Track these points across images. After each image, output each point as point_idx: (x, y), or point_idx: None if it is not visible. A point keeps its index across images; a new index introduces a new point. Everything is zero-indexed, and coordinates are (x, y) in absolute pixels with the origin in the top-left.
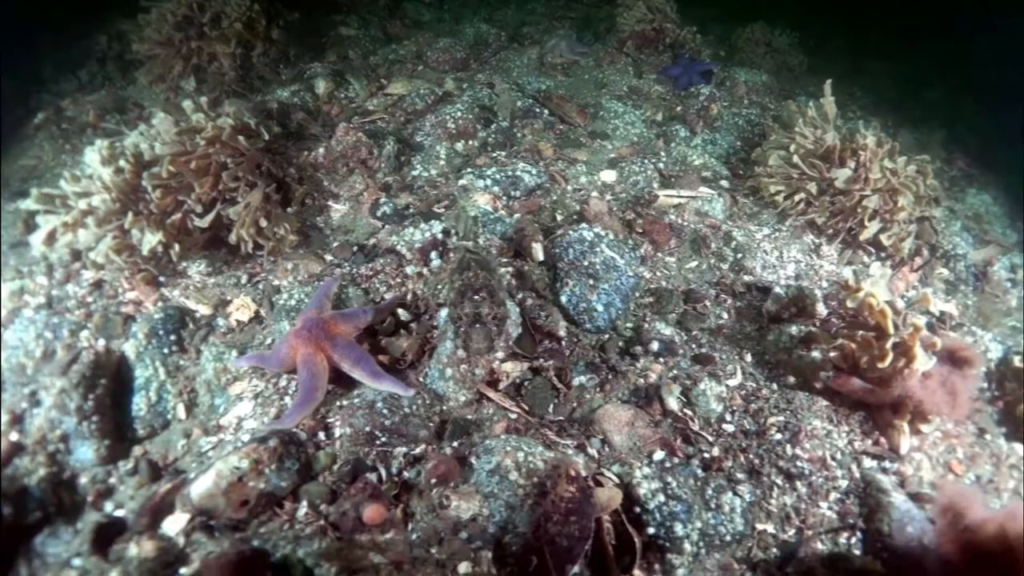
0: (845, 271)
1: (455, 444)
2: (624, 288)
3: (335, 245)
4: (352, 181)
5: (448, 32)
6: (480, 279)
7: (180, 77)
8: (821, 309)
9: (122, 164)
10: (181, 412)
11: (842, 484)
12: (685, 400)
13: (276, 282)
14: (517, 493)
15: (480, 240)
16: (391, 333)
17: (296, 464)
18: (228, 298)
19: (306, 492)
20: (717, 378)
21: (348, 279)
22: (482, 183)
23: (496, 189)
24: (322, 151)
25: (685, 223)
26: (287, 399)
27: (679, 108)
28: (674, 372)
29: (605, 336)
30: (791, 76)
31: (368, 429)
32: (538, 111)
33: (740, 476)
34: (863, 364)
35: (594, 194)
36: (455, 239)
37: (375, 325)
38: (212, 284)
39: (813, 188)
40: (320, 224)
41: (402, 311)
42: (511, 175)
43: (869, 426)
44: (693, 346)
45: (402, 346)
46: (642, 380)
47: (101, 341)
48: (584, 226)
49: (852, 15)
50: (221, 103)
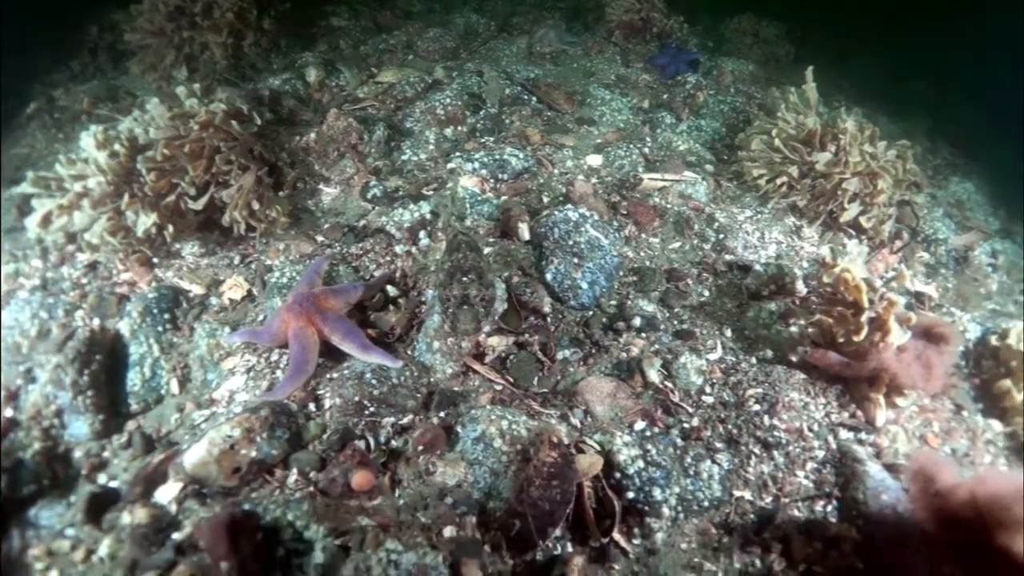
0: (823, 249)
1: (442, 414)
2: (608, 267)
3: (326, 226)
4: (343, 165)
5: (438, 22)
6: (469, 260)
7: (172, 66)
8: (801, 287)
9: (117, 148)
10: (174, 387)
11: (819, 454)
12: (666, 373)
13: (268, 262)
14: (501, 460)
15: (468, 220)
16: (380, 308)
17: (287, 433)
18: (221, 278)
19: (296, 460)
20: (697, 352)
21: (339, 258)
22: (470, 166)
23: (484, 172)
24: (313, 136)
25: (669, 205)
26: (279, 373)
27: (665, 96)
28: (656, 347)
29: (589, 313)
30: (778, 66)
31: (357, 399)
32: (526, 98)
33: (719, 445)
34: (840, 338)
35: (580, 177)
36: (442, 219)
37: (365, 301)
38: (205, 265)
39: (795, 172)
40: (311, 207)
41: (391, 288)
42: (499, 159)
43: (846, 399)
44: (675, 322)
45: (391, 320)
46: (624, 354)
47: (96, 320)
48: (569, 207)
49: (839, 6)
50: (213, 91)
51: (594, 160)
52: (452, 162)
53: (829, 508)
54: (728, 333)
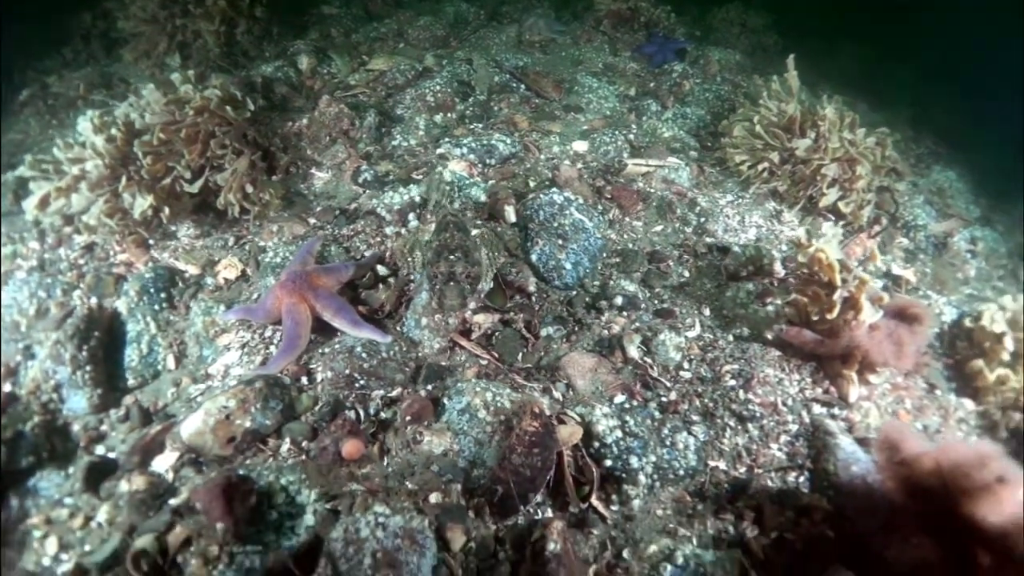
0: (799, 230)
1: (429, 387)
2: (592, 248)
3: (318, 209)
4: (335, 150)
5: (429, 10)
6: (456, 239)
7: (165, 54)
8: (779, 269)
9: (114, 132)
10: (171, 363)
11: (792, 428)
12: (646, 349)
13: (262, 243)
14: (485, 430)
15: (456, 203)
16: (370, 287)
17: (280, 405)
18: (216, 259)
19: (289, 430)
20: (676, 330)
21: (330, 239)
22: (459, 151)
23: (472, 157)
24: (305, 122)
25: (652, 190)
26: (272, 348)
27: (652, 84)
28: (636, 325)
29: (573, 292)
30: (765, 56)
31: (348, 372)
32: (515, 86)
33: (695, 418)
34: (814, 316)
35: (566, 162)
36: (432, 201)
37: (355, 279)
38: (200, 246)
39: (775, 158)
40: (304, 190)
41: (381, 267)
42: (487, 144)
43: (820, 376)
44: (655, 302)
45: (380, 298)
46: (606, 332)
47: (93, 299)
48: (555, 191)
49: None
50: (207, 78)
51: (580, 146)
52: (441, 147)
53: (801, 479)
54: (707, 312)
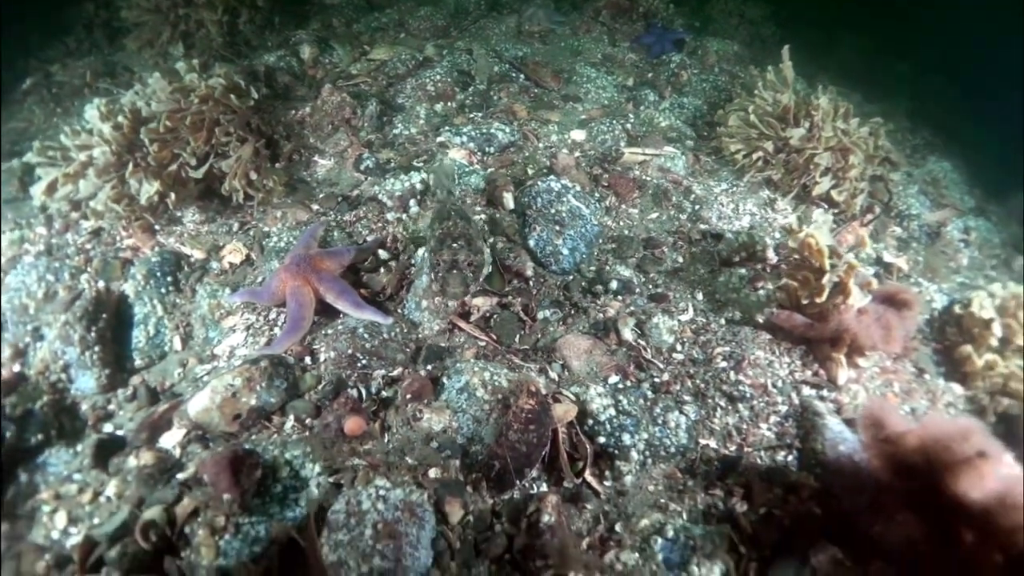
0: (791, 217)
1: (429, 367)
2: (588, 235)
3: (321, 196)
4: (337, 138)
5: (429, 1)
6: (459, 228)
7: (168, 43)
8: (772, 256)
9: (120, 120)
10: (177, 344)
11: (782, 409)
12: (640, 332)
13: (266, 228)
14: (483, 408)
15: (456, 190)
16: (372, 270)
17: (284, 383)
18: (221, 244)
19: (293, 408)
20: (670, 313)
21: (333, 224)
22: (459, 140)
23: (472, 145)
24: (308, 111)
25: (648, 178)
26: (276, 330)
27: (650, 74)
28: (631, 308)
29: (569, 277)
30: (763, 47)
31: (350, 352)
32: (514, 76)
33: (687, 398)
34: (804, 301)
35: (563, 150)
36: (436, 191)
37: (357, 263)
38: (206, 231)
39: (770, 147)
40: (307, 177)
41: (382, 251)
42: (486, 133)
43: (810, 359)
44: (650, 286)
45: (382, 281)
46: (601, 315)
47: (101, 283)
48: (552, 178)
49: None
50: (210, 67)
51: (578, 135)
52: (441, 136)
53: (790, 458)
54: (700, 296)
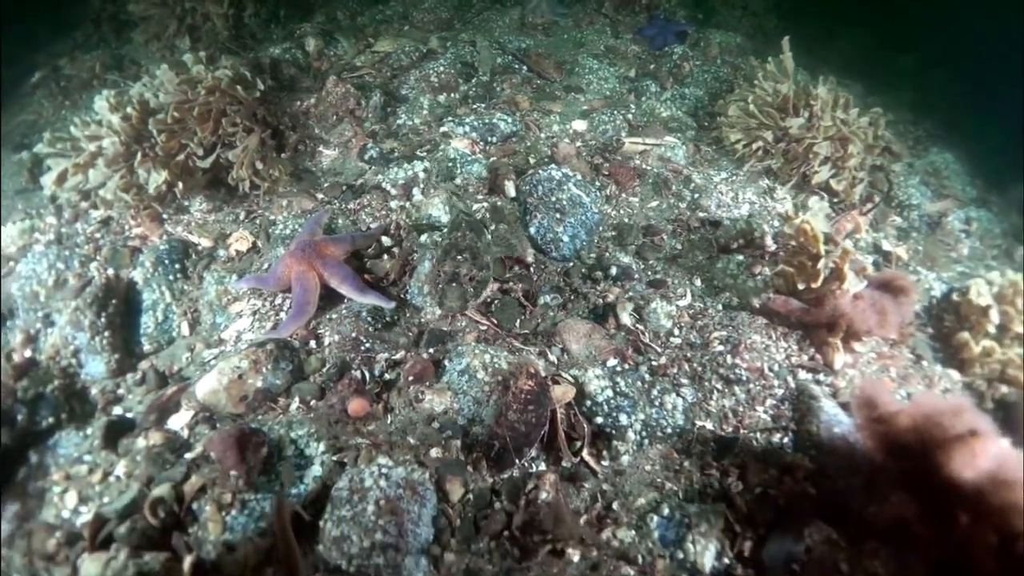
0: (787, 204)
1: (431, 350)
2: (589, 222)
3: (326, 185)
4: (341, 129)
5: None
6: (467, 240)
7: (175, 36)
8: (769, 243)
9: (129, 111)
10: (185, 329)
11: (778, 392)
12: (638, 317)
13: (271, 217)
14: (484, 390)
15: (458, 179)
16: (376, 256)
17: (290, 366)
18: (227, 232)
19: (298, 389)
20: (668, 299)
21: (338, 212)
22: (462, 130)
23: (474, 135)
24: (313, 102)
25: (649, 167)
26: (282, 315)
27: (652, 66)
28: (630, 294)
29: (570, 264)
30: (766, 39)
31: (354, 336)
32: (517, 67)
33: (684, 381)
34: (800, 286)
35: (565, 140)
36: (452, 212)
37: (361, 250)
38: (212, 220)
39: (769, 136)
40: (312, 167)
41: (386, 238)
42: (489, 123)
43: (806, 343)
44: (649, 272)
45: (385, 267)
46: (601, 300)
47: (110, 270)
48: (553, 166)
49: None
50: (216, 60)
51: (579, 125)
52: (444, 126)
53: (785, 440)
54: (698, 282)
